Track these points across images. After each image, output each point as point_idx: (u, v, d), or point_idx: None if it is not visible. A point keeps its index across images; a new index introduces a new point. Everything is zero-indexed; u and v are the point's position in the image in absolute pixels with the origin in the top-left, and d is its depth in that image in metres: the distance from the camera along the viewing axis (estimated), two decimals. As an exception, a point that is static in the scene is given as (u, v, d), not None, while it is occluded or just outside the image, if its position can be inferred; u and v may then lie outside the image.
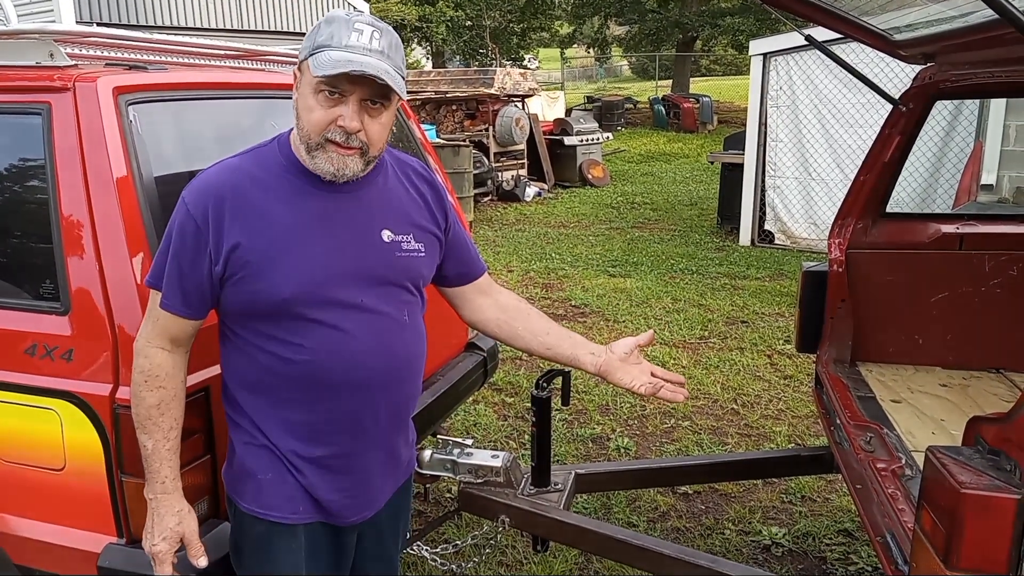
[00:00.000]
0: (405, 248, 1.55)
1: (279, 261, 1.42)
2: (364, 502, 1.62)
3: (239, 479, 1.56)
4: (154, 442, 1.50)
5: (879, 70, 6.44)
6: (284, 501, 1.53)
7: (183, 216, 1.43)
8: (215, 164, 1.50)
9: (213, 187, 1.43)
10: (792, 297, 6.32)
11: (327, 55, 1.34)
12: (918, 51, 2.60)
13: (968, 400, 2.50)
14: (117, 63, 2.12)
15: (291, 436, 1.52)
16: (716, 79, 32.38)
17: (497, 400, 4.49)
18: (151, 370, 1.48)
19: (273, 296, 1.42)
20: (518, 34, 28.47)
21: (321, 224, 1.46)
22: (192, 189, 1.45)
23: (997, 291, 2.66)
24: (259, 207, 1.43)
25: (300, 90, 1.42)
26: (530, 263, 7.93)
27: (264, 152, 1.50)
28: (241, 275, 1.42)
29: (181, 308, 1.46)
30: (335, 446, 1.54)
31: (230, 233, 1.41)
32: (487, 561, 2.92)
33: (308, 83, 1.38)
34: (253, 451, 1.53)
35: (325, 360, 1.46)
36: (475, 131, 12.08)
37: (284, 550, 1.55)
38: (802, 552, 3.02)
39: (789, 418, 4.21)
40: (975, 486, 1.29)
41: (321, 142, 1.39)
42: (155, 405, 1.49)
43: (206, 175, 1.47)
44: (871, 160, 2.71)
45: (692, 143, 18.44)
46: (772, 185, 8.52)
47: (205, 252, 1.42)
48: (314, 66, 1.34)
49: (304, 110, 1.40)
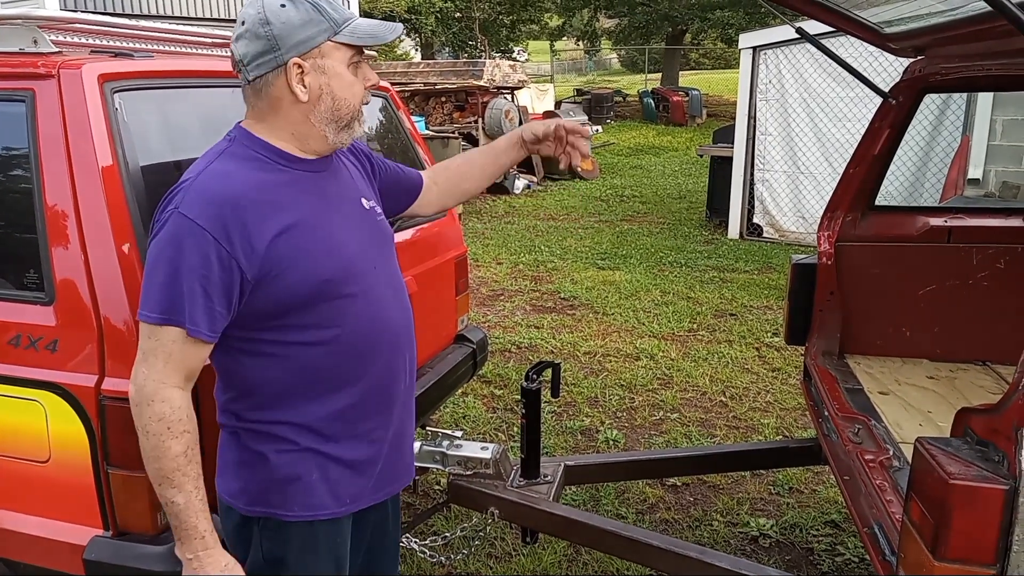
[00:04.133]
0: (378, 213, 1.62)
1: (310, 248, 1.40)
2: (402, 469, 1.63)
3: (276, 490, 1.47)
4: (186, 495, 1.36)
5: (868, 64, 6.46)
6: (331, 497, 1.49)
7: (192, 235, 1.31)
8: (200, 176, 1.37)
9: (220, 196, 1.34)
10: (780, 290, 6.35)
11: (360, 27, 1.40)
12: (908, 44, 2.60)
13: (955, 392, 2.51)
14: (102, 50, 2.10)
15: (335, 422, 1.47)
16: (705, 72, 32.40)
17: (486, 392, 4.49)
18: (173, 414, 1.34)
19: (312, 281, 1.39)
20: (507, 26, 28.38)
21: (327, 203, 1.47)
22: (193, 204, 1.32)
23: (984, 284, 2.68)
24: (272, 201, 1.39)
25: (328, 72, 1.40)
26: (519, 255, 7.93)
27: (235, 153, 1.42)
28: (276, 273, 1.36)
29: (209, 333, 1.34)
30: (378, 416, 1.53)
31: (259, 234, 1.34)
32: (476, 553, 2.91)
33: (340, 60, 1.40)
34: (293, 457, 1.46)
35: (362, 331, 1.47)
36: (464, 123, 12.04)
37: (330, 545, 1.52)
38: (789, 543, 3.04)
39: (777, 410, 4.23)
40: (964, 477, 1.30)
41: (360, 110, 1.46)
42: (183, 453, 1.35)
43: (201, 188, 1.35)
44: (860, 153, 2.72)
45: (681, 136, 18.46)
46: (761, 179, 8.54)
47: (231, 265, 1.33)
48: (355, 38, 1.39)
49: (344, 88, 1.42)
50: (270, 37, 1.36)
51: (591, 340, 5.37)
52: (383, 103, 2.99)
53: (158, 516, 1.73)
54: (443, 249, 2.99)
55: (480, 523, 2.81)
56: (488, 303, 6.31)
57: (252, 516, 1.48)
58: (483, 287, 6.78)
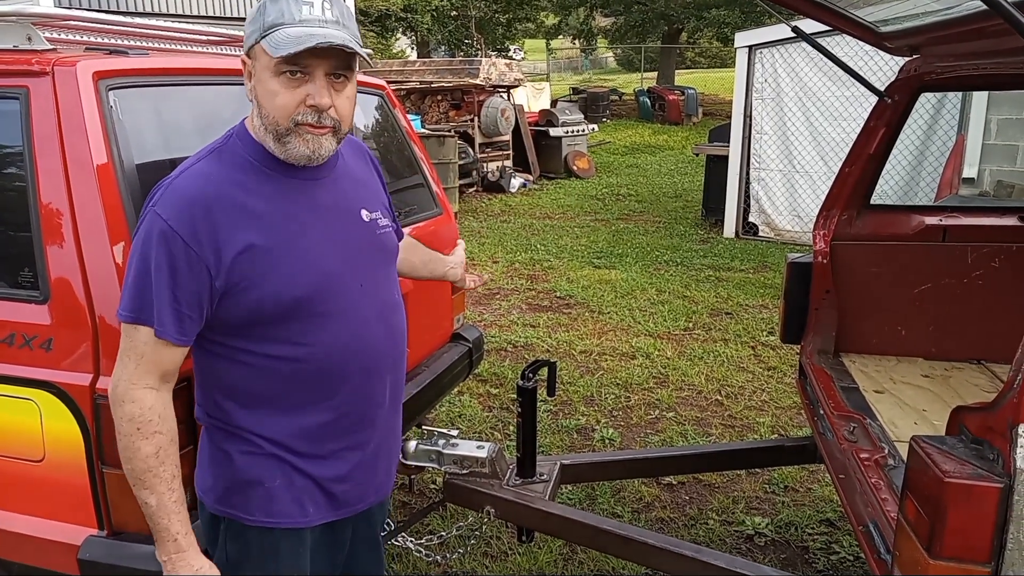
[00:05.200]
0: (381, 225, 1.54)
1: (283, 261, 1.34)
2: (374, 487, 1.59)
3: (238, 491, 1.44)
4: (158, 496, 1.35)
5: (863, 63, 6.47)
6: (294, 506, 1.46)
7: (163, 235, 1.28)
8: (180, 175, 1.34)
9: (193, 199, 1.30)
10: (776, 289, 6.36)
11: (284, 33, 1.26)
12: (904, 43, 2.61)
13: (950, 391, 2.52)
14: (97, 47, 2.09)
15: (303, 439, 1.44)
16: (701, 71, 32.41)
17: (482, 391, 4.49)
18: (143, 415, 1.33)
19: (283, 298, 1.35)
20: (504, 24, 28.34)
21: (312, 213, 1.41)
22: (167, 204, 1.30)
23: (979, 283, 2.69)
24: (248, 209, 1.33)
25: (257, 76, 1.33)
26: (515, 254, 7.92)
27: (226, 151, 1.38)
28: (245, 284, 1.32)
29: (177, 336, 1.32)
30: (349, 436, 1.49)
31: (228, 243, 1.30)
32: (472, 552, 2.91)
33: (266, 67, 1.30)
34: (257, 460, 1.43)
35: (338, 351, 1.42)
36: (460, 121, 12.03)
37: (291, 555, 1.50)
38: (785, 542, 3.04)
39: (773, 409, 4.23)
40: (959, 475, 1.30)
41: (291, 127, 1.32)
42: (153, 454, 1.34)
43: (178, 188, 1.32)
44: (856, 152, 2.72)
45: (677, 135, 18.47)
46: (756, 177, 8.55)
47: (200, 269, 1.29)
48: (272, 46, 1.26)
49: (266, 96, 1.31)
50: (251, 26, 1.33)
51: (587, 339, 5.37)
52: (379, 101, 2.98)
53: (153, 515, 1.73)
54: (439, 247, 2.97)
55: (476, 522, 2.81)
56: (484, 302, 6.31)
57: (218, 515, 1.48)
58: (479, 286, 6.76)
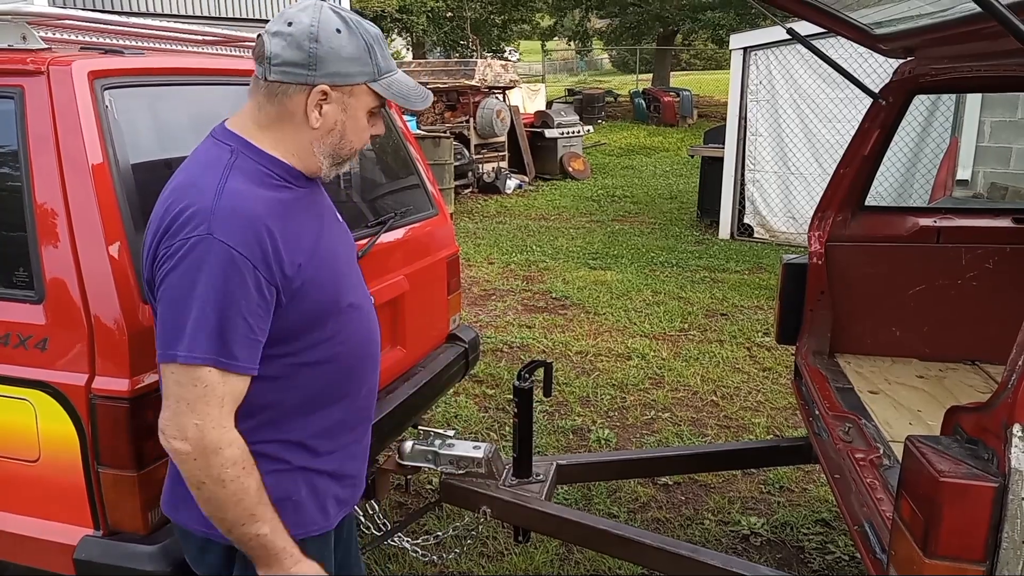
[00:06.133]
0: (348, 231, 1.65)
1: (324, 264, 1.41)
2: (361, 483, 1.62)
3: None
4: (271, 522, 1.31)
5: (858, 66, 6.49)
6: (319, 512, 1.47)
7: (233, 263, 1.23)
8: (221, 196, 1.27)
9: (250, 220, 1.27)
10: (771, 290, 6.37)
11: (399, 84, 1.40)
12: (898, 45, 2.62)
13: (944, 391, 2.53)
14: (92, 47, 2.08)
15: (324, 438, 1.45)
16: (696, 73, 32.47)
17: (478, 392, 4.49)
18: (242, 454, 1.28)
19: (330, 297, 1.41)
20: (499, 26, 28.36)
21: (320, 219, 1.47)
22: (226, 229, 1.23)
23: (973, 284, 2.70)
24: (293, 227, 1.35)
25: (351, 112, 1.37)
26: (511, 255, 7.93)
27: (238, 168, 1.34)
28: (300, 296, 1.34)
29: (253, 367, 1.28)
30: (358, 429, 1.54)
31: (285, 261, 1.30)
32: (468, 552, 2.91)
33: (366, 106, 1.38)
34: (283, 478, 1.41)
35: (362, 343, 1.50)
36: (456, 123, 12.03)
37: (321, 560, 1.47)
38: (780, 541, 3.05)
39: (768, 410, 4.24)
40: (954, 474, 1.31)
41: (356, 154, 1.45)
42: (259, 487, 1.30)
43: (231, 210, 1.26)
44: (851, 153, 2.73)
45: (672, 137, 18.50)
46: (751, 179, 8.57)
47: (271, 291, 1.28)
48: (393, 94, 1.38)
49: (356, 130, 1.40)
50: (312, 54, 1.30)
51: (583, 340, 5.37)
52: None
53: (149, 515, 1.72)
54: (435, 248, 2.99)
55: (472, 522, 2.81)
56: (480, 303, 6.31)
57: None
58: (475, 287, 6.77)
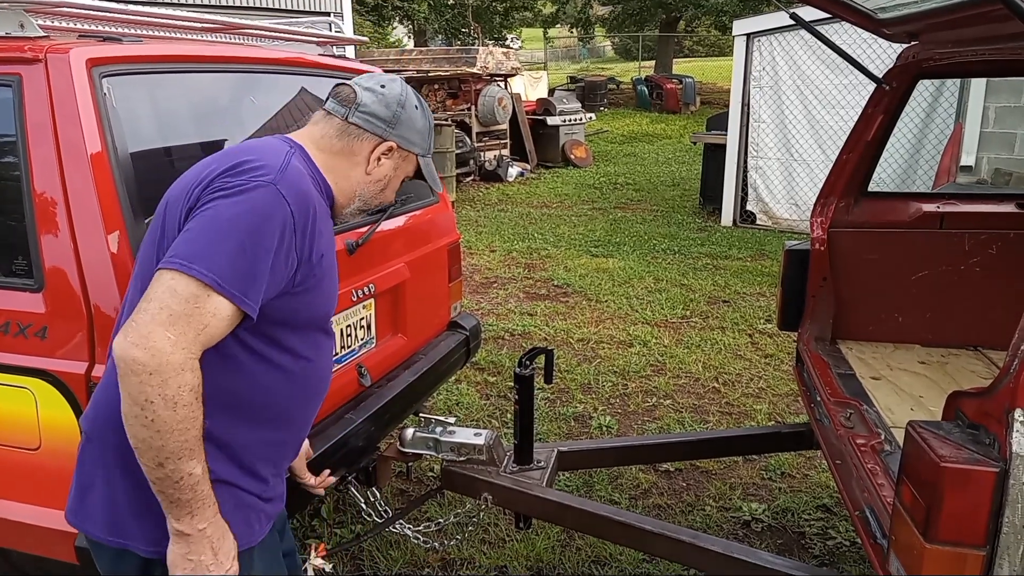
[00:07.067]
0: None
1: (328, 278, 1.46)
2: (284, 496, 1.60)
3: None
4: (201, 463, 1.26)
5: (861, 50, 6.45)
6: (246, 526, 1.40)
7: (284, 218, 1.28)
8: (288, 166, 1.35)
9: (308, 194, 1.36)
10: (773, 277, 6.36)
11: (430, 164, 1.63)
12: (902, 30, 2.60)
13: (946, 377, 2.52)
14: (91, 35, 2.07)
15: (261, 455, 1.42)
16: (699, 60, 32.31)
17: (479, 379, 4.49)
18: (199, 385, 1.23)
19: (319, 310, 1.46)
20: (501, 13, 28.23)
21: (332, 244, 1.51)
22: (291, 190, 1.31)
23: (976, 270, 2.69)
24: (324, 224, 1.44)
25: (396, 172, 1.57)
26: (513, 243, 7.92)
27: (300, 163, 1.41)
28: (305, 287, 1.37)
29: (255, 309, 1.28)
30: (287, 459, 1.56)
31: (313, 246, 1.37)
32: (470, 539, 2.92)
33: (406, 172, 1.59)
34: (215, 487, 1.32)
35: (322, 373, 1.54)
36: (457, 111, 11.99)
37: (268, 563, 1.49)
38: (781, 527, 3.05)
39: (770, 396, 4.24)
40: (955, 460, 1.31)
41: (373, 208, 1.61)
42: (202, 426, 1.26)
43: (296, 178, 1.34)
44: (854, 139, 2.72)
45: (675, 124, 18.43)
46: (754, 166, 8.54)
47: (294, 260, 1.32)
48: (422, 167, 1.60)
49: (391, 188, 1.59)
50: (396, 116, 1.51)
51: (584, 327, 5.37)
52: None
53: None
54: (436, 236, 2.98)
55: (473, 509, 2.82)
56: (481, 290, 6.30)
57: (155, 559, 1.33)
58: (476, 274, 6.77)
